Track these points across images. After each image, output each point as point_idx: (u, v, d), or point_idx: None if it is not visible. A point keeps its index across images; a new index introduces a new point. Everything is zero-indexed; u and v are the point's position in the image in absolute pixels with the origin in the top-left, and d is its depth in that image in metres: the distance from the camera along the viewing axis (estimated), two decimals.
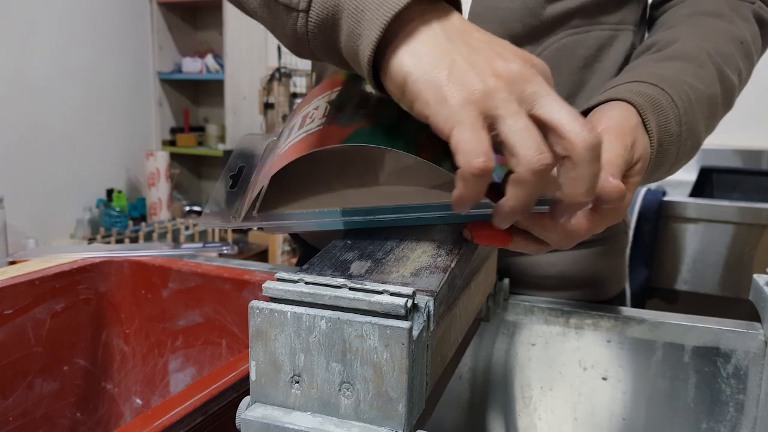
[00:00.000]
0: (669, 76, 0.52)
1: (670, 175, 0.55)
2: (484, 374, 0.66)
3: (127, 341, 0.74)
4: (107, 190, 3.13)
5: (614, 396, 0.61)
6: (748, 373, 0.56)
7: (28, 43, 2.77)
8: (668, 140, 0.49)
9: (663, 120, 0.49)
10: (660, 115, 0.49)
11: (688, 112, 0.51)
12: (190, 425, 0.39)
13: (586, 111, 0.51)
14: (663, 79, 0.51)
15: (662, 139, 0.49)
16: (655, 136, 0.48)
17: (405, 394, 0.31)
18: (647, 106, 0.49)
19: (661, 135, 0.49)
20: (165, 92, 3.58)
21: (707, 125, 0.54)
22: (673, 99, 0.50)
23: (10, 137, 2.71)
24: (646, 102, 0.49)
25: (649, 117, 0.48)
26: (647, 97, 0.49)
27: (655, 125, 0.48)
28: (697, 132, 0.52)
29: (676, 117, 0.50)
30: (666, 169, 0.52)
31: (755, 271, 0.99)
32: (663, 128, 0.49)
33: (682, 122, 0.50)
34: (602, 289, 0.71)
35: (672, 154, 0.51)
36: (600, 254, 0.70)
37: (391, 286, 0.32)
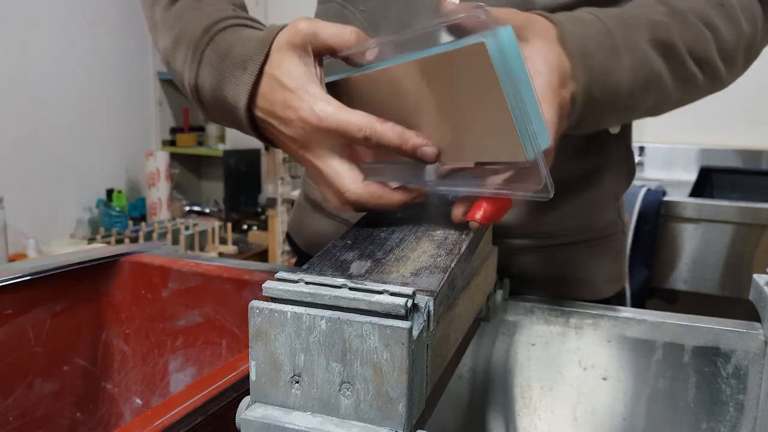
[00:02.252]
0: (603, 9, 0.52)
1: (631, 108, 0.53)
2: (484, 374, 0.66)
3: (127, 341, 0.74)
4: (107, 190, 3.13)
5: (614, 396, 0.61)
6: (748, 373, 0.56)
7: (29, 43, 2.77)
8: (597, 48, 0.49)
9: (586, 30, 0.49)
10: (582, 27, 0.49)
11: (618, 27, 0.50)
12: (190, 425, 0.39)
13: None
14: (593, 9, 0.52)
15: (590, 47, 0.48)
16: (573, 44, 0.48)
17: (405, 394, 0.31)
18: (567, 22, 0.49)
19: (587, 42, 0.48)
20: (165, 92, 3.58)
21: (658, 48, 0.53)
22: (598, 17, 0.50)
23: (10, 137, 2.70)
24: (566, 19, 0.49)
25: (566, 29, 0.48)
26: (568, 17, 0.50)
27: (575, 35, 0.48)
28: (640, 48, 0.51)
29: (602, 30, 0.50)
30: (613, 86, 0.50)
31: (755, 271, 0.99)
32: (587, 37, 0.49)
33: (613, 35, 0.50)
34: (602, 288, 0.71)
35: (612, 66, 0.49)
36: (598, 254, 0.70)
37: (391, 286, 0.32)
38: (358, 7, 0.65)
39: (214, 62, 0.51)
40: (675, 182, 1.97)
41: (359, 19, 0.65)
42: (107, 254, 0.72)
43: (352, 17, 0.65)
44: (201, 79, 0.52)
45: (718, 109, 2.08)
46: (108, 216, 2.99)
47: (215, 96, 0.51)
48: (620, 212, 0.73)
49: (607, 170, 0.68)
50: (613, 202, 0.70)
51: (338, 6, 0.67)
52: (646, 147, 2.14)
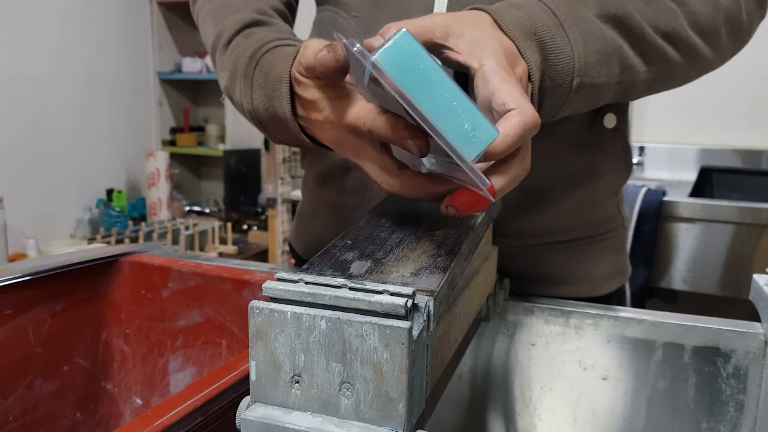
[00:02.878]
0: None
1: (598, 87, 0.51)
2: (484, 374, 0.66)
3: (127, 341, 0.74)
4: (107, 190, 3.13)
5: (614, 396, 0.61)
6: (748, 373, 0.56)
7: (28, 43, 2.77)
8: (542, 26, 0.48)
9: (524, 14, 0.48)
10: (519, 10, 0.48)
11: (560, 6, 0.50)
12: (190, 425, 0.39)
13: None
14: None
15: (533, 26, 0.48)
16: (512, 26, 0.47)
17: (405, 394, 0.31)
18: (502, 8, 0.48)
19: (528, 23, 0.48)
20: (165, 92, 3.58)
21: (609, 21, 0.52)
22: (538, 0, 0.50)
23: (10, 137, 2.71)
24: (501, 6, 0.49)
25: (501, 14, 0.47)
26: (504, 3, 0.49)
27: (511, 18, 0.48)
28: (587, 22, 0.50)
29: (543, 10, 0.49)
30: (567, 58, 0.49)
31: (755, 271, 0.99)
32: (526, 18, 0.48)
33: (556, 14, 0.49)
34: (604, 284, 0.72)
35: (561, 41, 0.49)
36: (599, 249, 0.70)
37: (391, 286, 0.32)
38: (351, 13, 0.66)
39: (261, 83, 0.54)
40: (675, 182, 1.97)
41: (352, 25, 0.65)
42: (107, 254, 0.72)
43: (345, 23, 0.66)
44: (255, 102, 0.55)
45: (718, 109, 2.08)
46: (108, 216, 2.99)
47: (269, 114, 0.54)
48: (619, 206, 0.73)
49: (605, 165, 0.68)
50: (611, 197, 0.70)
51: (332, 13, 0.68)
52: (646, 147, 2.14)
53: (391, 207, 0.52)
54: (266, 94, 0.53)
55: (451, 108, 0.36)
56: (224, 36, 0.61)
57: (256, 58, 0.55)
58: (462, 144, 0.36)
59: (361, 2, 0.65)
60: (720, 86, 2.02)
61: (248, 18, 0.61)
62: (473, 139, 0.36)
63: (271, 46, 0.55)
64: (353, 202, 0.71)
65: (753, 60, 1.97)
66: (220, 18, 0.63)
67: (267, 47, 0.55)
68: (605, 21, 0.52)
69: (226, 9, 0.63)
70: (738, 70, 1.99)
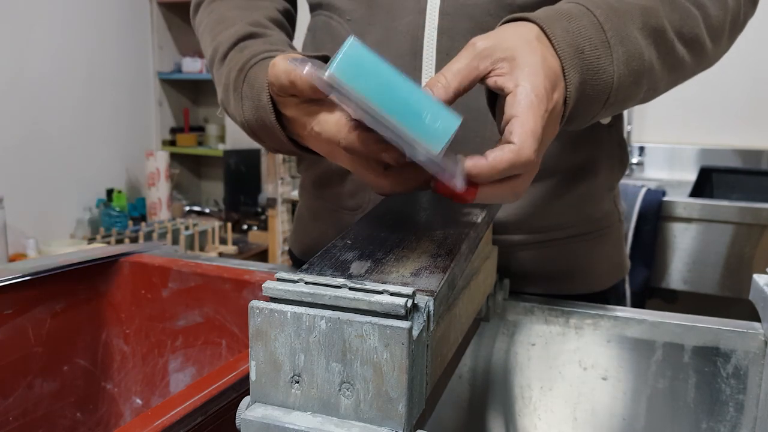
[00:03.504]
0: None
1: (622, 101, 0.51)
2: (484, 374, 0.66)
3: (127, 341, 0.74)
4: (107, 190, 3.13)
5: (614, 396, 0.61)
6: (748, 373, 0.56)
7: (28, 43, 2.77)
8: (589, 45, 0.47)
9: (575, 26, 0.47)
10: (570, 22, 0.47)
11: (610, 19, 0.49)
12: (190, 425, 0.39)
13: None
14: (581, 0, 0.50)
15: (581, 44, 0.47)
16: (563, 42, 0.46)
17: (405, 394, 0.31)
18: (552, 17, 0.47)
19: (577, 39, 0.47)
20: (165, 92, 3.58)
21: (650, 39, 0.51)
22: (587, 8, 0.49)
23: (10, 137, 2.70)
24: (551, 14, 0.47)
25: (552, 26, 0.46)
26: (554, 10, 0.48)
27: (563, 31, 0.46)
28: (632, 41, 0.50)
29: (593, 23, 0.48)
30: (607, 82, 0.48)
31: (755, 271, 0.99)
32: (576, 33, 0.47)
33: (604, 29, 0.48)
34: (603, 279, 0.72)
35: (605, 62, 0.48)
36: (598, 245, 0.70)
37: (391, 286, 0.32)
38: (345, 17, 0.66)
39: (249, 95, 0.55)
40: (675, 182, 1.97)
41: (346, 29, 0.65)
42: (107, 254, 0.72)
43: (339, 27, 0.66)
44: (246, 114, 0.55)
45: (718, 109, 2.08)
46: (108, 216, 2.99)
47: (260, 125, 0.54)
48: (616, 201, 0.73)
49: (601, 160, 0.68)
50: (609, 192, 0.71)
51: (326, 18, 0.68)
52: (646, 147, 2.14)
53: (391, 207, 0.52)
54: (253, 105, 0.54)
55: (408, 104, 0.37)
56: (220, 51, 0.62)
57: (244, 71, 0.56)
58: (426, 137, 0.37)
59: (355, 6, 0.65)
60: (720, 86, 2.02)
61: (243, 31, 0.61)
62: (437, 131, 0.37)
63: (259, 59, 0.56)
64: (352, 204, 0.71)
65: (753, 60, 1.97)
66: (216, 33, 0.64)
67: (255, 59, 0.56)
68: (646, 36, 0.51)
69: (223, 23, 0.64)
70: (738, 70, 1.99)
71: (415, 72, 0.62)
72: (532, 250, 0.67)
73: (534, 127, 0.41)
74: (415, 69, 0.62)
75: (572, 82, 0.46)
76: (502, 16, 0.60)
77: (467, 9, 0.60)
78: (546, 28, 0.46)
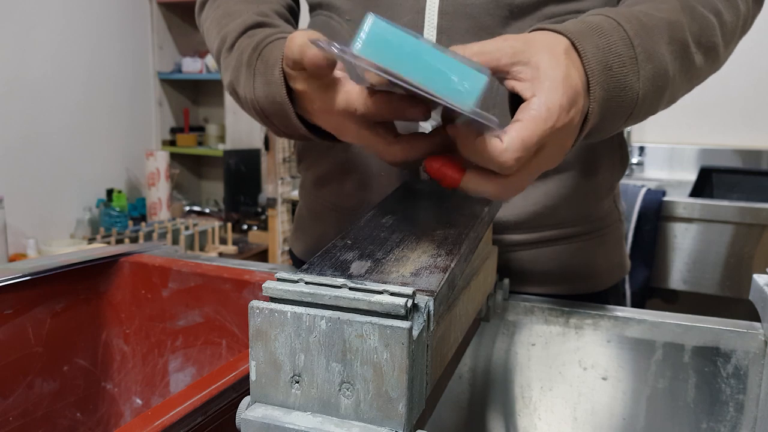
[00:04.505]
0: (618, 10, 0.50)
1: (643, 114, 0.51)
2: (484, 374, 0.66)
3: (127, 341, 0.74)
4: (107, 190, 3.13)
5: (614, 396, 0.61)
6: (748, 373, 0.56)
7: (28, 43, 2.77)
8: (618, 62, 0.47)
9: (605, 42, 0.47)
10: (601, 37, 0.47)
11: (639, 35, 0.48)
12: (190, 425, 0.39)
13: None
14: (609, 11, 0.50)
15: (610, 60, 0.47)
16: (592, 58, 0.46)
17: (405, 394, 0.31)
18: (584, 31, 0.47)
19: (607, 56, 0.46)
20: (165, 92, 3.58)
21: (674, 54, 0.51)
22: (618, 22, 0.48)
23: (10, 137, 2.70)
24: (583, 29, 0.47)
25: (583, 41, 0.46)
26: (585, 24, 0.48)
27: (594, 47, 0.46)
28: (658, 56, 0.49)
29: (623, 39, 0.47)
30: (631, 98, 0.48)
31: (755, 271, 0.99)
32: (606, 49, 0.47)
33: (634, 45, 0.48)
34: (603, 279, 0.72)
35: (632, 80, 0.48)
36: (598, 244, 0.71)
37: (391, 286, 0.32)
38: (344, 17, 0.66)
39: (262, 71, 0.55)
40: (675, 182, 1.97)
41: (345, 28, 0.66)
42: (107, 254, 0.72)
43: (338, 27, 0.66)
44: (257, 91, 0.55)
45: (718, 109, 2.08)
46: (108, 216, 2.99)
47: (270, 101, 0.54)
48: (616, 201, 0.73)
49: (601, 160, 0.68)
50: (609, 192, 0.71)
51: (325, 17, 0.68)
52: (646, 147, 2.14)
53: (391, 207, 0.52)
54: (265, 81, 0.54)
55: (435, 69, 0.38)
56: (228, 39, 0.62)
57: (258, 49, 0.56)
58: (458, 97, 0.38)
59: (353, 5, 0.65)
60: (720, 86, 2.02)
61: (251, 21, 0.62)
62: (467, 89, 0.38)
63: (273, 39, 0.57)
64: (352, 204, 0.71)
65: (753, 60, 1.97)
66: (223, 24, 0.64)
67: (269, 39, 0.57)
68: (672, 51, 0.51)
69: (229, 16, 0.64)
70: (738, 71, 1.99)
71: None
72: (532, 250, 0.67)
73: (528, 137, 0.41)
74: None
75: (596, 98, 0.46)
76: (501, 15, 0.60)
77: (466, 8, 0.60)
78: (577, 43, 0.46)
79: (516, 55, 0.43)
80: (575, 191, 0.67)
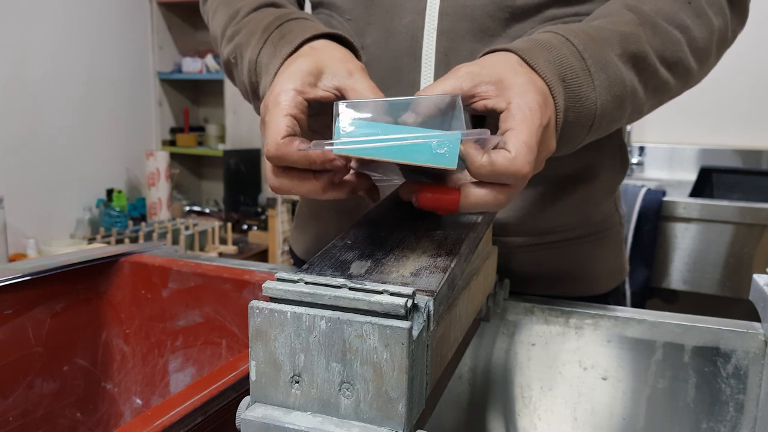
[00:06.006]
0: (569, 27, 0.51)
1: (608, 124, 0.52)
2: (484, 374, 0.66)
3: (127, 341, 0.74)
4: (107, 190, 3.13)
5: (614, 396, 0.61)
6: (748, 373, 0.56)
7: (28, 43, 2.77)
8: (571, 73, 0.48)
9: (555, 56, 0.47)
10: (551, 51, 0.48)
11: (589, 47, 0.49)
12: (190, 425, 0.39)
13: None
14: (558, 28, 0.50)
15: (562, 72, 0.47)
16: (546, 71, 0.46)
17: (405, 394, 0.31)
18: (532, 47, 0.47)
19: (559, 68, 0.47)
20: (165, 92, 3.58)
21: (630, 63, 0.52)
22: (566, 38, 0.49)
23: (10, 137, 2.70)
24: (531, 45, 0.48)
25: (533, 56, 0.47)
26: (532, 41, 0.48)
27: (544, 61, 0.47)
28: (611, 66, 0.50)
29: (572, 53, 0.48)
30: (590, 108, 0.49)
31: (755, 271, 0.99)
32: (557, 62, 0.47)
33: (584, 57, 0.49)
34: (603, 282, 0.72)
35: (587, 89, 0.48)
36: (598, 248, 0.70)
37: (391, 286, 0.32)
38: (345, 16, 0.66)
39: (276, 41, 0.54)
40: (675, 182, 1.97)
41: (345, 27, 0.66)
42: (107, 254, 0.72)
43: (339, 26, 0.66)
44: (261, 56, 0.54)
45: (718, 109, 2.08)
46: (108, 216, 2.99)
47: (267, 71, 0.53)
48: (617, 205, 0.73)
49: (602, 164, 0.68)
50: (609, 196, 0.71)
51: (326, 16, 0.68)
52: (646, 147, 2.14)
53: (391, 207, 0.52)
54: (272, 52, 0.53)
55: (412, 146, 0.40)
56: (241, 12, 0.61)
57: (282, 19, 0.56)
58: (442, 160, 0.39)
59: (354, 5, 0.65)
60: (719, 86, 2.02)
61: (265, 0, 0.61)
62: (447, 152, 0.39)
63: (296, 17, 0.56)
64: (351, 204, 0.71)
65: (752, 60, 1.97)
66: (234, 3, 0.63)
67: (293, 16, 0.56)
68: (626, 62, 0.51)
69: None
70: (738, 71, 1.99)
71: (413, 73, 0.62)
72: (532, 252, 0.67)
73: (528, 139, 0.41)
74: (413, 70, 0.62)
75: (559, 108, 0.46)
76: (502, 17, 0.60)
77: (467, 10, 0.60)
78: (527, 58, 0.46)
79: (475, 78, 0.44)
80: (575, 194, 0.67)
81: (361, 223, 0.47)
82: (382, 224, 0.47)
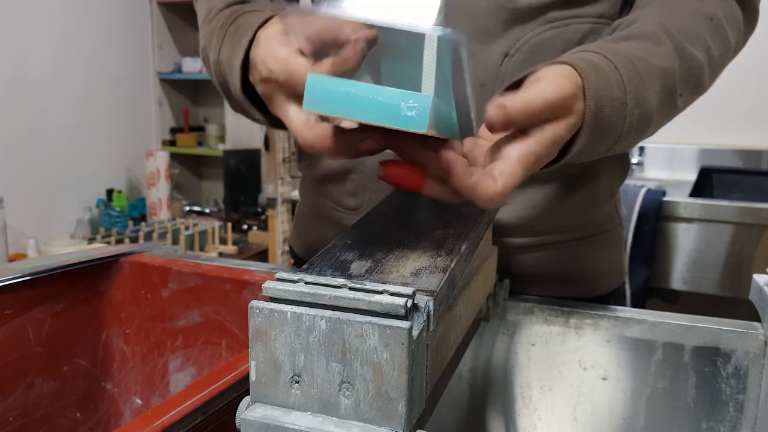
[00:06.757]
0: (616, 49, 0.50)
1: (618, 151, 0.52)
2: (484, 374, 0.66)
3: (127, 341, 0.74)
4: (107, 190, 3.13)
5: (614, 396, 0.61)
6: (748, 373, 0.56)
7: (28, 43, 2.77)
8: (610, 106, 0.47)
9: (603, 84, 0.47)
10: (600, 78, 0.47)
11: (633, 80, 0.49)
12: (190, 425, 0.39)
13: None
14: (608, 50, 0.50)
15: (602, 103, 0.47)
16: (592, 97, 0.46)
17: (405, 394, 0.31)
18: (587, 68, 0.47)
19: (601, 98, 0.47)
20: (165, 92, 3.58)
21: (662, 100, 0.52)
22: (615, 66, 0.48)
23: (10, 137, 2.70)
24: (586, 65, 0.47)
25: (588, 78, 0.46)
26: (588, 62, 0.48)
27: (593, 87, 0.46)
28: (646, 104, 0.50)
29: (618, 83, 0.48)
30: (612, 139, 0.49)
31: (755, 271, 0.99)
32: (603, 92, 0.47)
33: (627, 90, 0.48)
34: (602, 284, 0.72)
35: (618, 123, 0.48)
36: (597, 249, 0.70)
37: (391, 286, 0.32)
38: None
39: (232, 34, 0.54)
40: (675, 182, 1.97)
41: None
42: (107, 254, 0.72)
43: None
44: (222, 54, 0.55)
45: (718, 109, 2.08)
46: (108, 216, 2.99)
47: (230, 66, 0.54)
48: (617, 206, 0.73)
49: (603, 165, 0.68)
50: (609, 197, 0.71)
51: None
52: (646, 147, 2.14)
53: (391, 207, 0.52)
54: (231, 46, 0.54)
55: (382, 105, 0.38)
56: (212, 12, 0.62)
57: (236, 14, 0.56)
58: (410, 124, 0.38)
59: None
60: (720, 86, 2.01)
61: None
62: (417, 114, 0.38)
63: (251, 10, 0.57)
64: (352, 203, 0.71)
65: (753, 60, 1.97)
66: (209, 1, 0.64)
67: (248, 10, 0.57)
68: (659, 99, 0.51)
69: None
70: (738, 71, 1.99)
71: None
72: (533, 253, 0.67)
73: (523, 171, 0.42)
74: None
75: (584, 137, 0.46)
76: (503, 19, 0.60)
77: (468, 10, 0.60)
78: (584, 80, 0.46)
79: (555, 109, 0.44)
80: (576, 196, 0.67)
81: (361, 223, 0.47)
82: (382, 224, 0.47)
